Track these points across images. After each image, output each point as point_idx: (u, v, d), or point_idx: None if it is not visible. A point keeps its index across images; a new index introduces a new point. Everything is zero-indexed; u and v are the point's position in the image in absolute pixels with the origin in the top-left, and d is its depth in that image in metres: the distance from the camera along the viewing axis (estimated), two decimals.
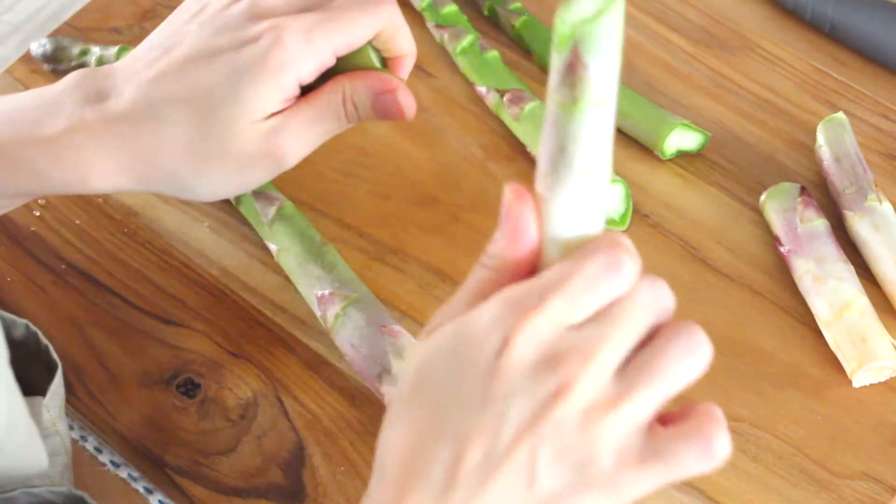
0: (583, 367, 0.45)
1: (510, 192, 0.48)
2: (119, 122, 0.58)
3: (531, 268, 0.48)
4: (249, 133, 0.58)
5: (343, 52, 0.60)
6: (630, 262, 0.46)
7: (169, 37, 0.61)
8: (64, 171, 0.58)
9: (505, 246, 0.48)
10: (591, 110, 0.46)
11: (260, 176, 0.60)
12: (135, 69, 0.60)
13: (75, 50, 0.77)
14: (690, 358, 0.46)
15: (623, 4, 0.44)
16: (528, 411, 0.45)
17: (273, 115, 0.59)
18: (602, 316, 0.46)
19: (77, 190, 0.60)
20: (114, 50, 0.77)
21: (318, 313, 0.67)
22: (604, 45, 0.44)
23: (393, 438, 0.47)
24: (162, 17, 0.81)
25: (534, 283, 0.46)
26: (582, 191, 0.47)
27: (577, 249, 0.47)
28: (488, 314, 0.46)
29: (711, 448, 0.46)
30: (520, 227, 0.48)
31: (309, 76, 0.59)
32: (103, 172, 0.59)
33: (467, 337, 0.46)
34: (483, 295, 0.48)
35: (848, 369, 0.66)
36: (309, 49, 0.58)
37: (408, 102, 0.61)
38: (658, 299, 0.47)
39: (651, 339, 0.46)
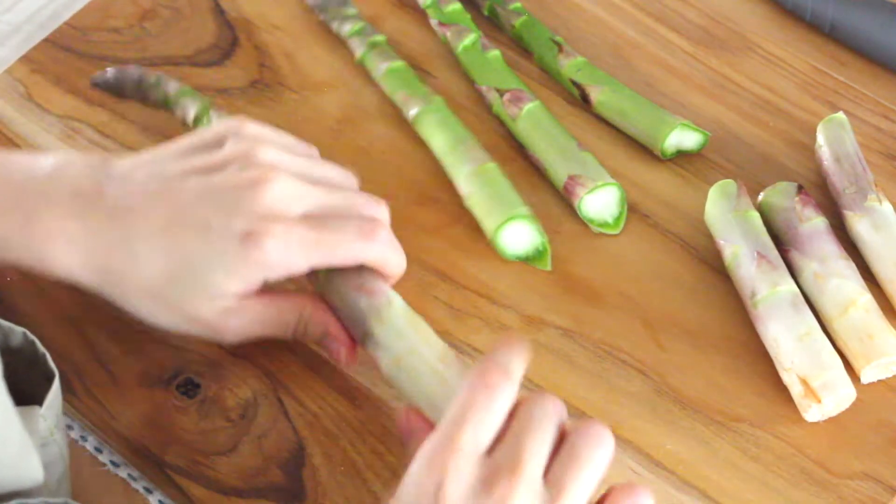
0: (512, 484, 0.51)
1: (403, 417, 0.59)
2: (95, 234, 0.61)
3: None
4: (206, 305, 0.62)
5: (320, 267, 0.63)
6: (499, 375, 0.54)
7: (171, 171, 0.63)
8: (30, 247, 0.61)
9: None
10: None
11: (200, 334, 0.64)
12: (128, 187, 0.62)
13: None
14: (601, 450, 0.54)
15: None
16: None
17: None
18: (509, 436, 0.53)
19: (36, 269, 0.63)
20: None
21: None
22: None
23: None
24: (162, 17, 0.82)
25: (438, 431, 0.53)
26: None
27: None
28: (415, 474, 0.52)
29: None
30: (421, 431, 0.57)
31: (278, 279, 0.62)
32: (65, 263, 0.62)
33: (406, 500, 0.52)
34: None
35: (856, 366, 0.66)
36: (286, 261, 0.61)
37: (346, 359, 0.65)
38: (549, 407, 0.55)
39: (562, 440, 0.54)
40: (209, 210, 0.61)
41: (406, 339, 0.62)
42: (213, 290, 0.61)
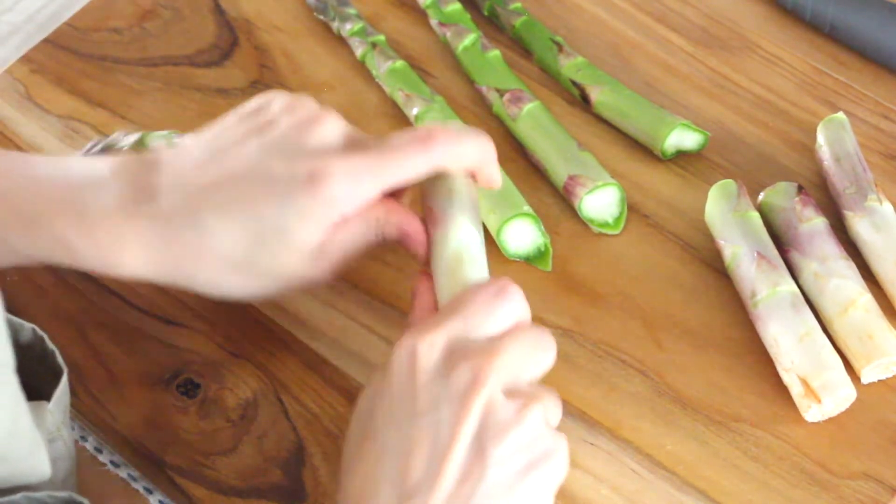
0: (492, 357, 0.54)
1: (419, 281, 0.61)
2: (163, 223, 0.59)
3: None
4: (291, 259, 0.60)
5: (391, 189, 0.62)
6: (517, 292, 0.57)
7: (224, 142, 0.61)
8: (97, 252, 0.60)
9: (413, 312, 0.61)
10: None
11: (292, 288, 0.62)
12: (185, 169, 0.61)
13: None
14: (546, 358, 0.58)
15: None
16: (456, 405, 0.53)
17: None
18: (501, 335, 0.56)
19: (103, 271, 0.61)
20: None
21: None
22: None
23: (348, 482, 0.55)
24: (162, 17, 0.82)
25: (436, 314, 0.57)
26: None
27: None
28: (398, 349, 0.55)
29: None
30: (417, 294, 0.61)
31: (354, 212, 0.61)
32: (134, 262, 0.60)
33: (388, 373, 0.55)
34: None
35: (856, 366, 0.66)
36: (355, 191, 0.60)
37: (423, 257, 0.63)
38: (546, 341, 0.58)
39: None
40: (271, 162, 0.60)
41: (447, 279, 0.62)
42: (293, 243, 0.60)
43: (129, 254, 0.59)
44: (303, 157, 0.60)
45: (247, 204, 0.59)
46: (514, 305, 0.57)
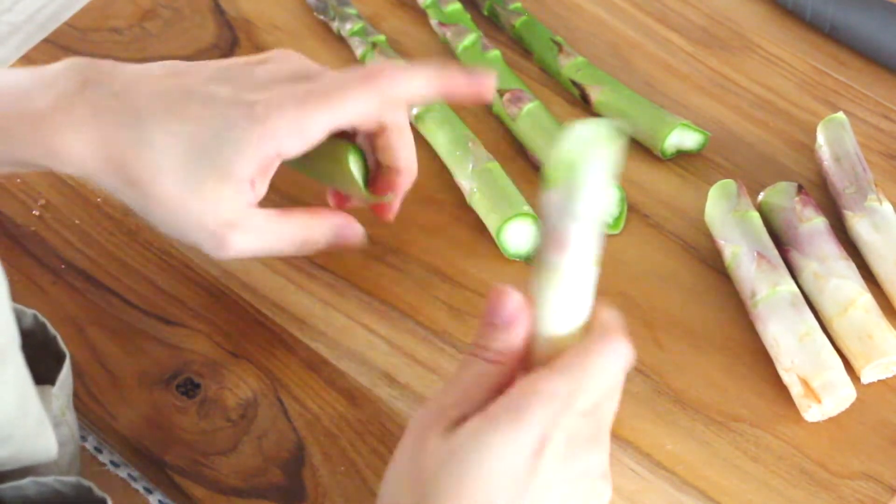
0: (597, 444, 0.52)
1: (498, 293, 0.52)
2: (105, 118, 0.59)
3: (526, 354, 0.52)
4: (212, 204, 0.59)
5: (336, 129, 0.61)
6: (629, 348, 0.52)
7: (184, 67, 0.62)
8: (42, 147, 0.60)
9: (506, 338, 0.52)
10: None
11: (196, 242, 0.61)
12: (138, 78, 0.61)
13: None
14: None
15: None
16: (566, 488, 0.50)
17: (249, 182, 0.60)
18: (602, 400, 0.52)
19: (44, 164, 0.61)
20: None
21: None
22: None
23: None
24: (162, 17, 0.82)
25: (559, 381, 0.50)
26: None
27: (581, 336, 0.51)
28: (520, 412, 0.49)
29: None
30: (517, 320, 0.52)
31: (293, 153, 0.60)
32: (74, 155, 0.60)
33: (504, 435, 0.49)
34: (490, 385, 0.51)
35: (856, 366, 0.66)
36: (295, 127, 0.59)
37: (354, 235, 0.64)
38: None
39: None
40: (218, 86, 0.60)
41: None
42: (224, 168, 0.59)
43: (69, 145, 0.59)
44: (249, 86, 0.60)
45: (186, 121, 0.59)
46: (627, 364, 0.52)
